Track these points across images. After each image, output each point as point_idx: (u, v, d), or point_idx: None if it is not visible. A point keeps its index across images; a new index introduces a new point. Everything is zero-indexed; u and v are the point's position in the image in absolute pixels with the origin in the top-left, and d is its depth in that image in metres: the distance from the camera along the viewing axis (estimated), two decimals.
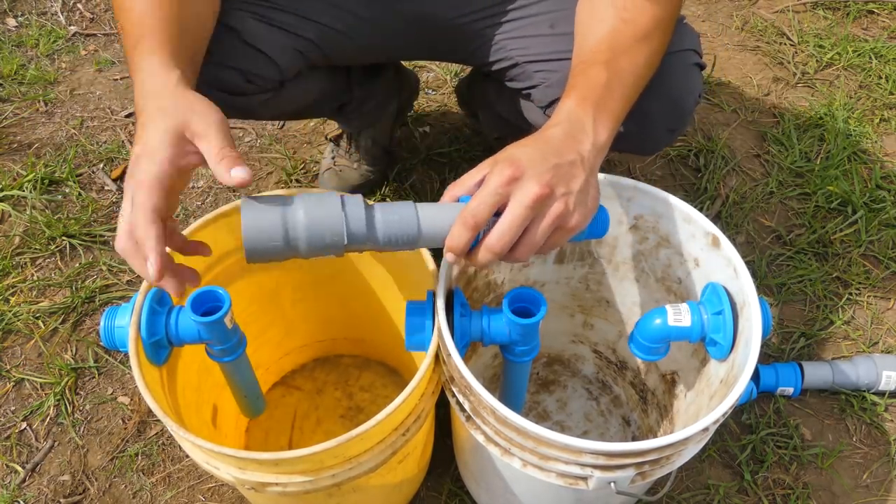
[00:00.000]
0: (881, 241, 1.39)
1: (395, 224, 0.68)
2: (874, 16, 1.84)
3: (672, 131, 0.95)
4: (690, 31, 0.95)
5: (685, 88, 0.92)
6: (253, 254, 0.65)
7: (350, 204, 0.67)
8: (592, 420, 1.14)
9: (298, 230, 0.65)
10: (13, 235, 1.37)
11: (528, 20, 0.98)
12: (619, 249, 0.96)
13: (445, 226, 0.68)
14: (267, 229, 0.64)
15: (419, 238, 0.69)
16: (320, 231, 0.65)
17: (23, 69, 1.68)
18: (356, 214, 0.67)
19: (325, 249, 0.66)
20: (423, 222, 0.68)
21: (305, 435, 1.13)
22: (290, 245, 0.65)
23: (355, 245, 0.68)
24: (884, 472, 1.12)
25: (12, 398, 1.19)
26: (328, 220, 0.65)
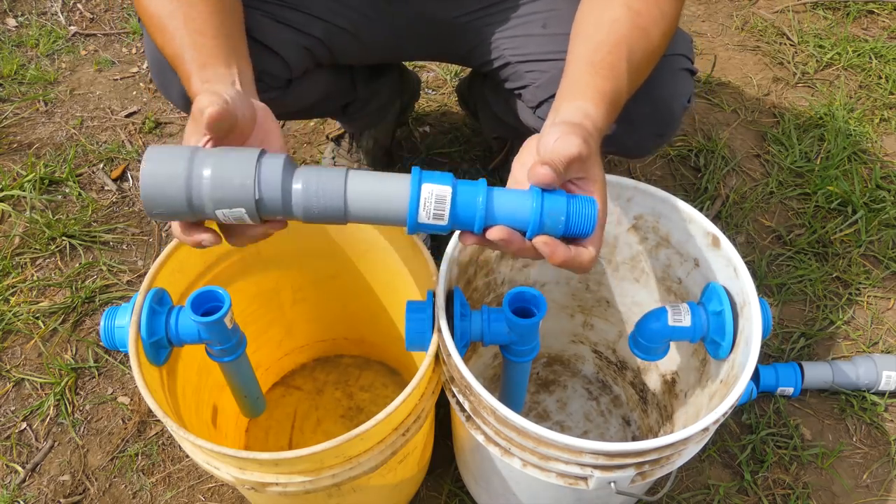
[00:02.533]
0: (881, 241, 1.39)
1: (317, 196, 0.61)
2: (874, 16, 1.84)
3: (660, 136, 0.95)
4: (682, 34, 0.94)
5: (673, 93, 0.91)
6: (152, 210, 0.60)
7: (266, 166, 0.60)
8: (592, 420, 1.14)
9: (203, 192, 0.59)
10: (13, 235, 1.37)
11: (522, 20, 0.98)
12: (619, 249, 0.96)
13: (380, 203, 0.61)
14: (167, 185, 0.58)
15: (346, 214, 0.62)
16: (227, 195, 0.59)
17: (23, 69, 1.68)
18: (271, 180, 0.59)
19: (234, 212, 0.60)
20: (351, 198, 0.61)
21: (305, 435, 1.13)
22: (193, 207, 0.60)
23: (269, 216, 0.62)
24: (884, 472, 1.12)
25: (12, 398, 1.19)
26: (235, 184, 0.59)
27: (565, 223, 0.62)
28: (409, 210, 0.61)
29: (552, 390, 1.18)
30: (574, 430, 1.13)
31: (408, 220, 0.62)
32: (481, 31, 1.01)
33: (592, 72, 0.73)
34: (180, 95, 0.96)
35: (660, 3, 0.78)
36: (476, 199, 0.62)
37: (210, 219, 0.62)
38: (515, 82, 1.00)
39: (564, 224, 0.62)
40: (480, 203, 0.62)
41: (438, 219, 0.62)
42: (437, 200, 0.61)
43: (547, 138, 0.64)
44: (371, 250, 0.97)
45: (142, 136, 1.56)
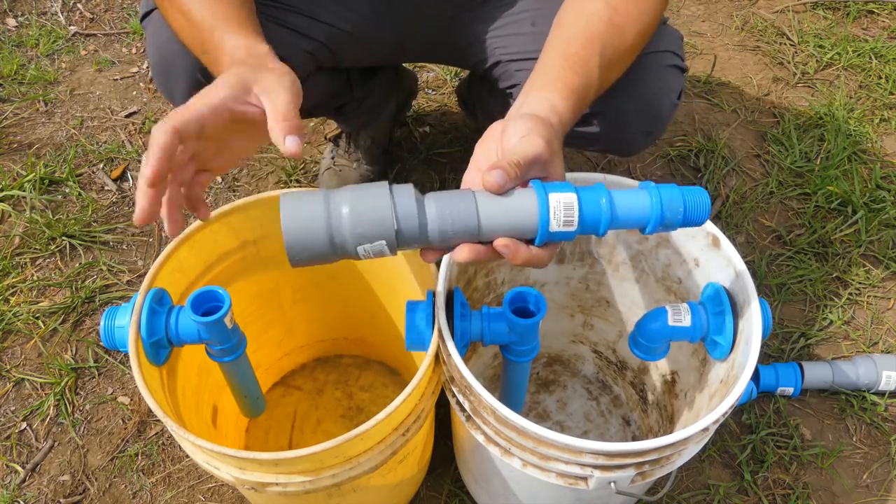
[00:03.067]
0: (881, 241, 1.39)
1: (451, 219, 0.61)
2: (874, 16, 1.84)
3: (649, 133, 0.95)
4: (670, 31, 0.94)
5: (661, 90, 0.91)
6: (296, 258, 0.60)
7: (399, 195, 0.60)
8: (592, 420, 1.14)
9: (344, 230, 0.59)
10: (13, 235, 1.37)
11: (512, 18, 0.98)
12: (619, 249, 0.96)
13: (509, 222, 0.62)
14: (308, 229, 0.59)
15: (479, 233, 0.62)
16: (367, 231, 0.59)
17: (23, 69, 1.68)
18: (407, 209, 0.60)
19: (377, 252, 0.61)
20: (483, 218, 0.61)
21: (305, 435, 1.13)
22: (335, 248, 0.60)
23: (407, 245, 0.62)
24: (884, 472, 1.12)
25: (12, 398, 1.19)
26: (376, 218, 0.59)
27: (683, 214, 0.64)
28: (540, 224, 0.62)
29: (552, 390, 1.18)
30: (574, 430, 1.13)
31: (539, 230, 0.62)
32: (474, 30, 1.01)
33: (564, 64, 0.74)
34: (183, 99, 0.95)
35: (638, 2, 0.78)
36: (600, 202, 0.63)
37: (351, 257, 0.62)
38: (507, 81, 1.00)
39: (683, 215, 0.64)
40: (605, 205, 0.63)
41: (568, 225, 0.62)
42: (565, 208, 0.62)
43: (511, 133, 0.65)
44: None
45: (142, 136, 1.56)
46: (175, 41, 0.89)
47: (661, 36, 0.90)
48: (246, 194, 1.40)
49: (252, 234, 0.92)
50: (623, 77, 0.84)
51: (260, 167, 1.50)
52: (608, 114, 0.90)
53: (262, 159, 1.52)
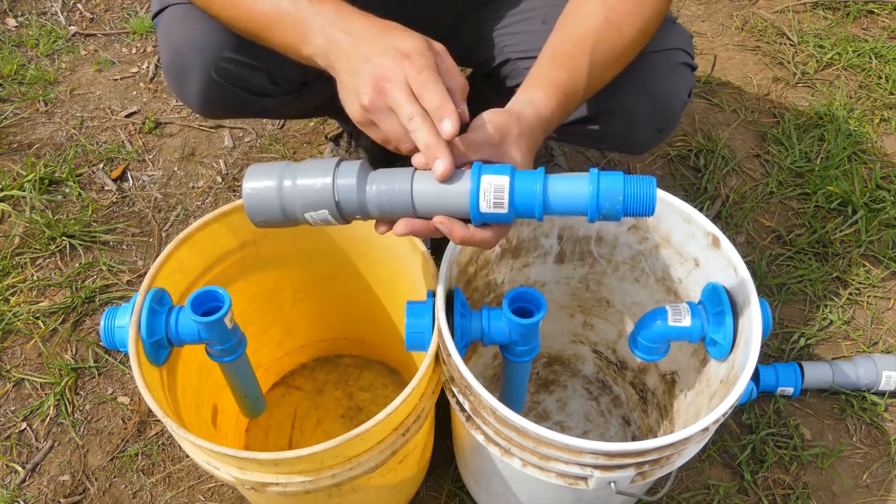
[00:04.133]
0: (881, 241, 1.39)
1: (388, 196, 0.66)
2: (874, 16, 1.84)
3: (660, 131, 0.95)
4: (679, 29, 0.94)
5: (671, 88, 0.91)
6: (255, 220, 0.69)
7: (342, 175, 0.67)
8: (592, 420, 1.14)
9: (295, 202, 0.67)
10: (13, 235, 1.37)
11: (522, 15, 0.98)
12: (619, 249, 0.96)
13: (442, 201, 0.65)
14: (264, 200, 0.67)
15: (415, 211, 0.67)
16: (312, 201, 0.67)
17: (23, 69, 1.68)
18: (346, 187, 0.66)
19: (319, 214, 0.68)
20: (416, 198, 0.66)
21: (305, 435, 1.13)
22: (287, 216, 0.68)
23: (350, 216, 0.68)
24: (884, 472, 1.12)
25: (12, 398, 1.19)
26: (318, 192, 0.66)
27: (623, 203, 0.63)
28: (471, 203, 0.64)
29: (552, 390, 1.18)
30: (574, 430, 1.13)
31: (470, 211, 0.64)
32: (483, 27, 1.01)
33: (552, 63, 0.75)
34: (196, 98, 0.95)
35: (637, 0, 0.78)
36: (534, 187, 0.64)
37: (302, 223, 0.69)
38: (515, 79, 1.00)
39: (622, 205, 0.63)
40: (538, 190, 0.64)
41: (499, 207, 0.64)
42: (496, 190, 0.63)
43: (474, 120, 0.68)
44: (371, 250, 0.97)
45: (142, 136, 1.56)
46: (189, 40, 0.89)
47: (670, 34, 0.90)
48: None
49: (252, 234, 0.92)
50: (633, 75, 0.84)
51: None
52: (619, 112, 0.90)
53: (263, 159, 1.52)
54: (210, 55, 0.89)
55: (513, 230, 0.92)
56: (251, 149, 1.54)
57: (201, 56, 0.90)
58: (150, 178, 1.49)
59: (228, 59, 0.90)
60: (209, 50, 0.89)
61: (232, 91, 0.94)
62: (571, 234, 0.95)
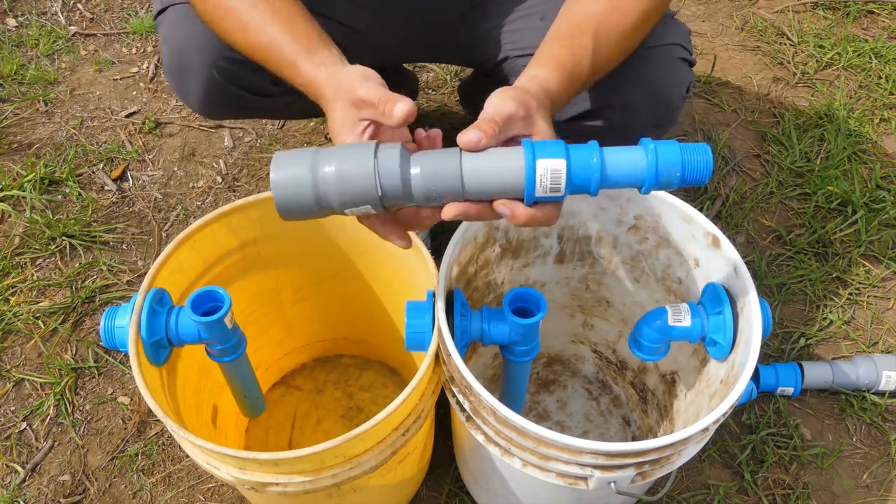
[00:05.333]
0: (881, 241, 1.39)
1: (435, 180, 0.62)
2: (874, 16, 1.84)
3: (659, 126, 0.95)
4: (678, 25, 0.94)
5: (670, 82, 0.91)
6: (287, 217, 0.64)
7: (384, 158, 0.62)
8: (592, 420, 1.14)
9: (329, 187, 0.62)
10: (13, 235, 1.37)
11: (521, 13, 0.99)
12: (619, 249, 0.96)
13: (495, 181, 0.62)
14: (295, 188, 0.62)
15: (463, 193, 0.63)
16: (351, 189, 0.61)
17: (23, 69, 1.67)
18: (390, 169, 0.61)
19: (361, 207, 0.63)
20: (467, 178, 0.62)
21: (305, 435, 1.13)
22: (321, 205, 0.63)
23: (393, 203, 0.63)
24: (884, 472, 1.12)
25: (12, 398, 1.19)
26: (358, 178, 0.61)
27: (682, 172, 0.62)
28: (526, 189, 0.62)
29: (552, 390, 1.18)
30: (574, 430, 1.13)
31: (525, 196, 0.62)
32: (483, 26, 1.01)
33: (554, 43, 0.76)
34: (197, 98, 0.96)
35: None
36: (590, 163, 0.62)
37: (336, 213, 0.64)
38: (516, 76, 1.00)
39: (681, 173, 0.62)
40: (596, 166, 0.62)
41: (555, 191, 0.62)
42: (552, 175, 0.61)
43: (486, 103, 0.66)
44: (371, 250, 0.97)
45: (142, 136, 1.56)
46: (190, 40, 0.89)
47: (668, 29, 0.90)
48: (246, 194, 1.40)
49: (252, 234, 0.92)
50: (633, 69, 0.84)
51: (260, 167, 1.50)
52: (618, 106, 0.90)
53: (263, 159, 1.52)
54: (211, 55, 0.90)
55: (513, 231, 0.92)
56: (251, 149, 1.54)
57: (202, 56, 0.90)
58: (150, 178, 1.49)
59: (229, 59, 0.90)
60: (210, 50, 0.89)
61: (233, 91, 0.94)
62: (571, 234, 0.95)
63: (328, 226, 0.95)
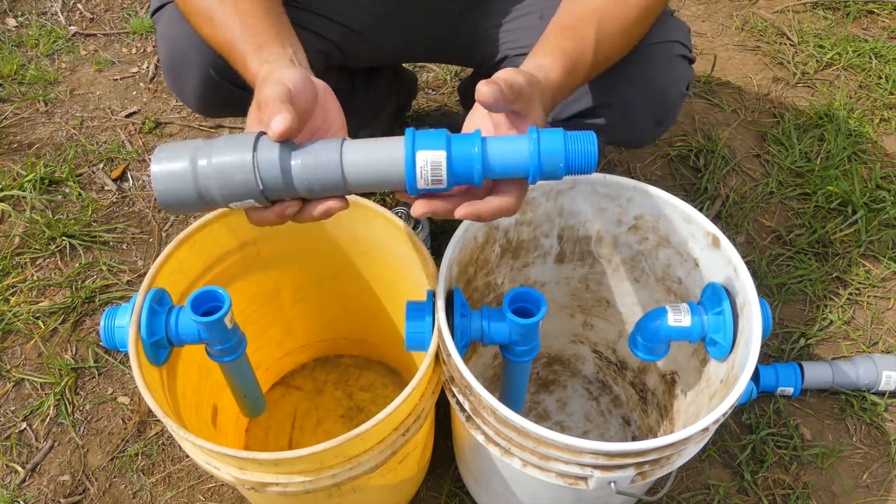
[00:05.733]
0: (881, 241, 1.39)
1: (316, 173, 0.61)
2: (874, 16, 1.84)
3: (659, 123, 0.95)
4: (677, 22, 0.94)
5: (670, 79, 0.91)
6: (169, 208, 0.63)
7: (263, 150, 0.61)
8: (592, 420, 1.14)
9: (209, 181, 0.61)
10: (13, 235, 1.37)
11: (519, 11, 0.99)
12: (619, 249, 0.96)
13: (376, 175, 0.61)
14: (176, 182, 0.61)
15: (345, 185, 0.62)
16: (231, 182, 0.61)
17: (23, 69, 1.68)
18: (269, 161, 0.60)
19: (245, 201, 0.62)
20: (347, 168, 0.61)
21: (305, 435, 1.13)
22: (204, 199, 0.62)
23: (276, 196, 0.63)
24: (884, 472, 1.12)
25: (12, 398, 1.19)
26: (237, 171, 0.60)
27: (565, 163, 0.61)
28: (407, 181, 0.61)
29: (552, 390, 1.18)
30: (574, 430, 1.13)
31: (408, 190, 0.62)
32: (482, 25, 1.01)
33: (558, 34, 0.76)
34: (194, 96, 0.96)
35: None
36: (471, 153, 0.61)
37: (221, 206, 0.64)
38: None
39: (564, 163, 0.61)
40: (477, 156, 0.61)
41: (437, 183, 0.62)
42: (433, 167, 0.61)
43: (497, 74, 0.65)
44: (371, 250, 0.97)
45: (142, 136, 1.56)
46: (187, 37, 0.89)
47: (668, 26, 0.90)
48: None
49: (252, 234, 0.93)
50: (632, 67, 0.84)
51: None
52: (618, 103, 0.90)
53: None
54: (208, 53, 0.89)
55: (513, 230, 0.92)
56: None
57: (199, 54, 0.90)
58: (150, 178, 1.49)
59: None
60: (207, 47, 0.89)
61: (230, 89, 0.94)
62: (571, 234, 0.95)
63: (328, 225, 0.95)
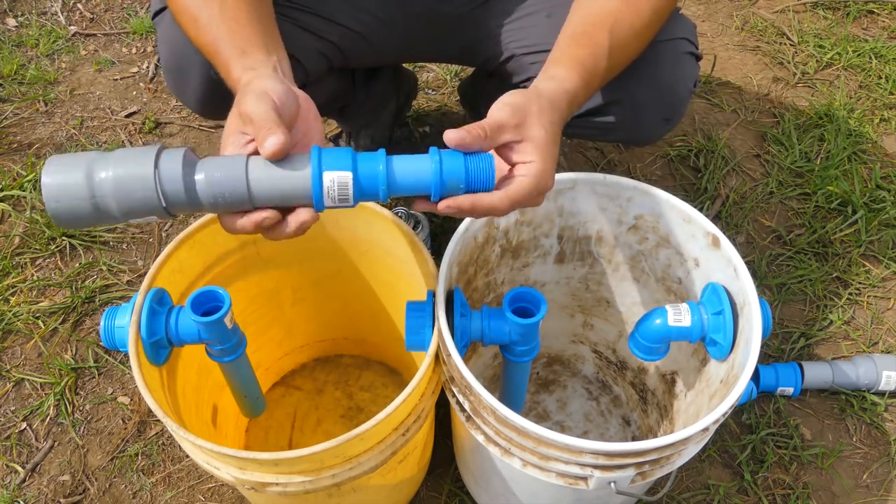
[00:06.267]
0: (881, 241, 1.39)
1: (221, 188, 0.60)
2: (874, 16, 1.84)
3: (667, 121, 0.95)
4: (684, 20, 0.94)
5: (678, 77, 0.91)
6: (59, 219, 0.59)
7: (165, 163, 0.59)
8: (592, 420, 1.14)
9: (107, 195, 0.58)
10: (13, 235, 1.37)
11: (525, 10, 0.98)
12: (619, 249, 0.96)
13: (281, 192, 0.61)
14: (70, 190, 0.58)
15: (251, 200, 0.62)
16: (131, 197, 0.58)
17: (23, 69, 1.67)
18: (171, 175, 0.59)
19: (142, 215, 0.60)
20: (254, 184, 0.61)
21: (305, 435, 1.13)
22: (101, 214, 0.59)
23: (179, 211, 0.61)
24: (884, 472, 1.12)
25: (12, 398, 1.19)
26: (138, 185, 0.58)
27: (465, 181, 0.64)
28: (314, 200, 0.62)
29: (552, 390, 1.18)
30: (574, 430, 1.13)
31: (315, 207, 0.63)
32: (486, 25, 1.01)
33: (572, 42, 0.76)
34: (195, 98, 0.96)
35: None
36: (377, 171, 0.63)
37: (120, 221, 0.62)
38: (521, 75, 0.99)
39: (465, 182, 0.64)
40: (382, 175, 0.63)
41: (344, 201, 0.63)
42: (339, 187, 0.62)
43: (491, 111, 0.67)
44: (371, 250, 0.97)
45: (142, 136, 1.56)
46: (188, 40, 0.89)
47: (675, 24, 0.90)
48: None
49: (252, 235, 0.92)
50: (641, 65, 0.84)
51: None
52: (626, 101, 0.90)
53: None
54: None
55: (513, 230, 0.92)
56: None
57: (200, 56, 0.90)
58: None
59: None
60: None
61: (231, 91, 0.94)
62: (571, 234, 0.95)
63: (328, 226, 0.95)
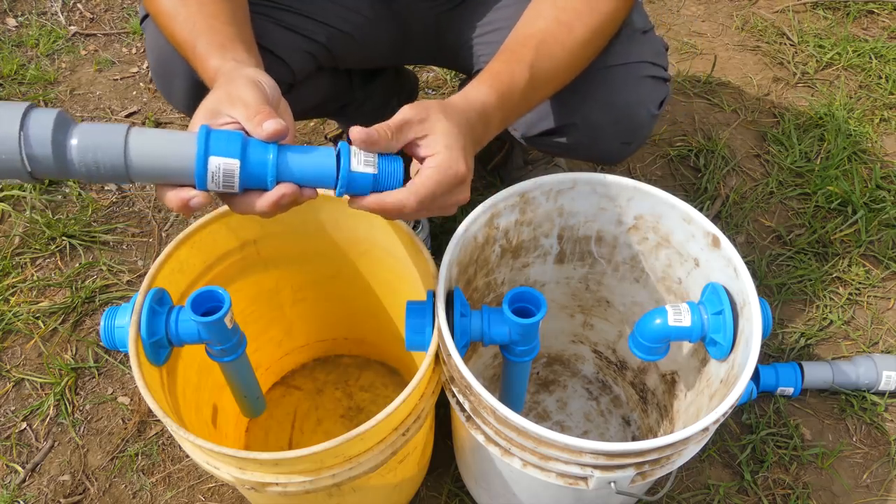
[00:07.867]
0: (881, 241, 1.39)
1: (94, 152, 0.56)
2: (874, 16, 1.84)
3: (626, 144, 0.94)
4: (650, 41, 0.93)
5: (634, 100, 0.90)
6: None
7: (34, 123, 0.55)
8: (592, 420, 1.14)
9: None
10: (13, 235, 1.37)
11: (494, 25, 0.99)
12: (619, 249, 0.96)
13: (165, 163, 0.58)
14: None
15: (128, 173, 0.58)
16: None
17: (23, 69, 1.68)
18: (39, 136, 0.54)
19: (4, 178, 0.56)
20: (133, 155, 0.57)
21: (305, 435, 1.13)
22: None
23: (44, 174, 0.56)
24: (884, 472, 1.12)
25: (12, 398, 1.19)
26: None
27: (371, 178, 0.64)
28: (196, 182, 0.59)
29: (552, 390, 1.18)
30: (574, 430, 1.13)
31: (197, 188, 0.60)
32: (460, 34, 1.02)
33: (496, 58, 0.78)
34: (183, 99, 0.96)
35: (590, 1, 0.80)
36: (266, 160, 0.61)
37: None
38: None
39: (370, 179, 0.64)
40: (271, 164, 0.60)
41: (229, 188, 0.61)
42: (225, 174, 0.60)
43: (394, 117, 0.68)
44: (371, 250, 0.97)
45: None
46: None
47: (635, 46, 0.90)
48: None
49: (252, 234, 0.93)
50: (594, 88, 0.86)
51: None
52: (581, 124, 0.91)
53: None
54: None
55: (513, 230, 0.92)
56: None
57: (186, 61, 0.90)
58: None
59: None
60: None
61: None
62: (571, 234, 0.95)
63: (328, 226, 0.95)
